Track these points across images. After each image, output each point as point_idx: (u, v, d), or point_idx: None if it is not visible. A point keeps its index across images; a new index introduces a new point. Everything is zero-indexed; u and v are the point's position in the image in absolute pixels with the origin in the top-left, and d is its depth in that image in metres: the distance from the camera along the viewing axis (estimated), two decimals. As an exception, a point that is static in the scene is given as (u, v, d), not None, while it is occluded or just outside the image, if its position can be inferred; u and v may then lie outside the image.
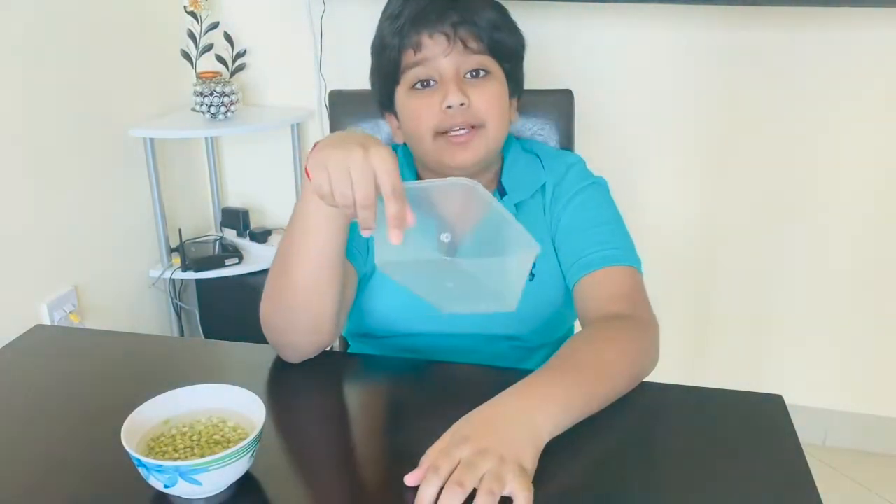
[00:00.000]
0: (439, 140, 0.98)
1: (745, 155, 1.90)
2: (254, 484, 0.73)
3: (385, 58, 1.00)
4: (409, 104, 1.00)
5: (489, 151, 1.00)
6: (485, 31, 0.97)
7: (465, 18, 0.96)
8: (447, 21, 0.95)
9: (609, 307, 0.92)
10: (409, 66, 0.98)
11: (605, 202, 1.06)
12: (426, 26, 0.95)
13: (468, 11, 0.96)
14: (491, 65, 0.99)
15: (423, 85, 0.98)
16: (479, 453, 0.68)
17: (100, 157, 1.90)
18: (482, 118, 0.97)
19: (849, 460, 2.02)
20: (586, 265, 0.97)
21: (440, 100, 0.96)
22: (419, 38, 0.96)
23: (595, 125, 1.87)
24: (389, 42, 0.98)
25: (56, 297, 1.78)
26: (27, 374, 0.94)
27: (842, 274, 1.93)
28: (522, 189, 1.05)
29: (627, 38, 1.87)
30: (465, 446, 0.69)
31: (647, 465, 0.76)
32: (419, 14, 0.96)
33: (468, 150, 0.98)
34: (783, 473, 0.74)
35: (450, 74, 0.96)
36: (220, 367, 0.92)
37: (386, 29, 0.99)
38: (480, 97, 0.97)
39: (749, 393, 0.87)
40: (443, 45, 0.96)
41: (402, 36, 0.96)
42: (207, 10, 2.02)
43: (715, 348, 2.07)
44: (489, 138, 0.99)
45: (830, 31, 1.74)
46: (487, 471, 0.67)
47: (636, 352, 0.87)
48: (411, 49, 0.97)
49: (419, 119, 0.98)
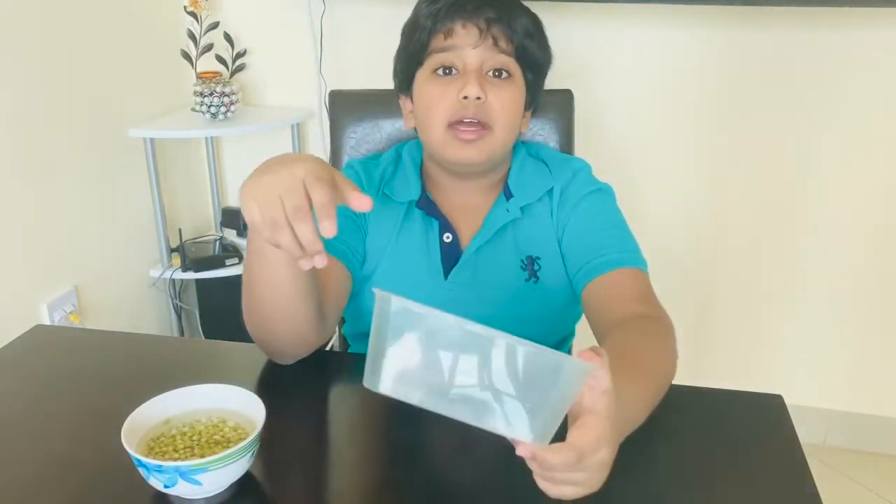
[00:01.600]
0: (448, 132, 0.98)
1: (745, 155, 1.90)
2: (254, 484, 0.73)
3: (415, 38, 1.00)
4: (427, 88, 1.00)
5: (493, 154, 1.00)
6: (517, 34, 0.98)
7: (500, 17, 0.97)
8: (483, 15, 0.96)
9: (631, 308, 0.92)
10: (437, 49, 0.99)
11: (611, 207, 1.06)
12: (462, 15, 0.97)
13: (505, 12, 0.97)
14: (515, 69, 1.00)
15: (446, 72, 0.99)
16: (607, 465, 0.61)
17: (100, 157, 1.90)
18: (493, 118, 0.98)
19: (849, 460, 2.02)
20: (597, 268, 0.97)
21: (458, 89, 0.96)
22: (452, 24, 0.97)
23: (595, 125, 1.87)
24: (423, 23, 0.99)
25: (56, 297, 1.78)
26: (27, 374, 0.94)
27: (842, 274, 1.93)
28: (529, 193, 1.05)
29: (627, 38, 1.87)
30: (606, 450, 0.60)
31: (647, 464, 0.76)
32: (458, 2, 0.97)
33: (473, 148, 0.98)
34: (783, 473, 0.74)
35: (473, 66, 0.97)
36: (220, 367, 0.93)
37: (422, 10, 1.00)
38: (497, 96, 0.97)
39: (749, 393, 0.87)
40: (474, 37, 0.97)
41: (437, 19, 0.98)
42: (207, 10, 2.02)
43: (715, 348, 2.06)
44: (496, 141, 0.99)
45: (830, 31, 1.74)
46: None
47: (673, 352, 0.87)
48: (442, 34, 0.98)
49: (434, 105, 0.99)
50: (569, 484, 0.60)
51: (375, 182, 1.07)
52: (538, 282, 1.04)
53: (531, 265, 1.04)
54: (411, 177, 1.07)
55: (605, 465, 0.60)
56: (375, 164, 1.11)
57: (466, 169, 1.03)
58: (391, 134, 1.24)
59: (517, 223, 1.04)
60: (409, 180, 1.07)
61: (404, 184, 1.07)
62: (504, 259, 1.04)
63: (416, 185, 1.07)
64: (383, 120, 1.24)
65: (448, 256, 1.05)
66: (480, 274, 1.03)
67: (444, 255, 1.04)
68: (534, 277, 1.04)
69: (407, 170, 1.08)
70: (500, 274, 1.04)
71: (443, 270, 1.04)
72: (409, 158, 1.09)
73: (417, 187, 1.06)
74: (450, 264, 1.04)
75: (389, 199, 1.06)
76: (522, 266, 1.04)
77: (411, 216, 1.06)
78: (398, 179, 1.08)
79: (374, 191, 1.06)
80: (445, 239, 1.05)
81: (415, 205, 1.06)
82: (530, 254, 1.04)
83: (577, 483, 0.60)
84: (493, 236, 1.04)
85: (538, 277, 1.04)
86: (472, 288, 1.03)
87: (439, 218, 1.05)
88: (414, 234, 1.05)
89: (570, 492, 0.60)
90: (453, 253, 1.05)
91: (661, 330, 0.89)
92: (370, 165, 1.10)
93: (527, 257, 1.04)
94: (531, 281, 1.04)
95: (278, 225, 0.66)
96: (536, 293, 1.03)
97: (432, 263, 1.04)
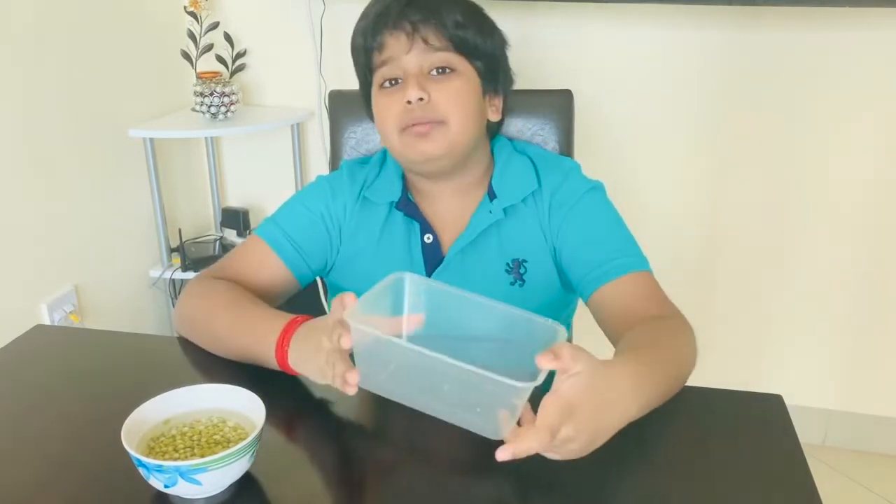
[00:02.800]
0: (404, 136, 0.99)
1: (745, 155, 1.90)
2: (254, 484, 0.73)
3: (358, 60, 1.03)
4: (377, 103, 1.02)
5: (453, 145, 0.99)
6: (448, 29, 0.97)
7: (426, 16, 0.96)
8: (407, 18, 0.96)
9: (646, 311, 0.92)
10: (378, 66, 1.00)
11: (606, 207, 1.06)
12: (387, 25, 0.97)
13: (429, 9, 0.97)
14: (457, 62, 0.99)
15: (391, 83, 1.00)
16: (575, 440, 0.67)
17: (100, 157, 1.90)
18: (443, 114, 0.97)
19: (849, 460, 2.02)
20: (604, 275, 0.97)
21: (403, 96, 0.97)
22: (382, 37, 0.98)
23: (595, 125, 1.87)
24: (359, 44, 1.01)
25: (56, 297, 1.78)
26: (27, 374, 0.94)
27: (842, 274, 1.93)
28: (513, 194, 1.05)
29: (627, 38, 1.87)
30: (570, 427, 0.67)
31: (647, 464, 0.76)
32: (381, 14, 0.98)
33: (429, 141, 0.98)
34: (783, 473, 0.74)
35: (412, 71, 0.98)
36: (220, 367, 0.93)
37: (358, 30, 1.02)
38: (441, 93, 0.97)
39: (749, 393, 0.87)
40: (403, 43, 0.97)
41: (367, 36, 0.99)
42: (207, 10, 2.02)
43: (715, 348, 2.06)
44: (452, 132, 0.98)
45: (830, 31, 1.74)
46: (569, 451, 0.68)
47: (692, 346, 0.89)
48: (376, 49, 0.99)
49: (384, 117, 1.00)
50: (564, 448, 0.67)
51: (358, 185, 1.08)
52: (524, 285, 1.03)
53: (517, 268, 1.04)
54: (393, 179, 1.08)
55: (585, 428, 0.67)
56: (362, 167, 1.12)
57: (434, 166, 1.02)
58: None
59: (501, 225, 1.04)
60: (392, 182, 1.08)
61: (386, 186, 1.08)
62: (488, 262, 1.04)
63: (398, 186, 1.07)
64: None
65: (430, 258, 1.05)
66: (464, 277, 1.03)
67: (426, 257, 1.05)
68: (519, 280, 1.04)
69: (390, 172, 1.09)
70: (483, 277, 1.04)
71: (425, 272, 1.04)
72: (393, 161, 1.10)
73: (398, 188, 1.07)
74: (432, 266, 1.04)
75: (370, 202, 1.07)
76: (508, 269, 1.04)
77: (392, 218, 1.06)
78: (380, 182, 1.09)
79: (356, 194, 1.08)
80: (426, 240, 1.05)
81: (394, 206, 1.06)
82: (516, 257, 1.04)
83: (571, 442, 0.66)
84: (477, 238, 1.03)
85: (524, 280, 1.04)
86: None
87: (419, 219, 1.05)
88: (395, 236, 1.06)
89: (572, 451, 0.68)
90: (435, 255, 1.05)
91: (679, 325, 0.91)
92: (356, 168, 1.11)
93: (512, 260, 1.04)
94: (516, 284, 1.04)
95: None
96: (521, 296, 1.03)
97: (414, 265, 1.04)
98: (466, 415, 0.72)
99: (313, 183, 1.12)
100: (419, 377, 0.73)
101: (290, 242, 1.05)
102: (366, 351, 0.74)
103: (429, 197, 1.07)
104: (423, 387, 0.73)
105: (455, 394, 0.71)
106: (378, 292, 0.76)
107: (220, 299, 0.96)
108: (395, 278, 0.79)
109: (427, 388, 0.73)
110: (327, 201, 1.08)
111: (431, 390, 0.72)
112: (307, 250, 1.06)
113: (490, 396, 0.68)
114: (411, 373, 0.73)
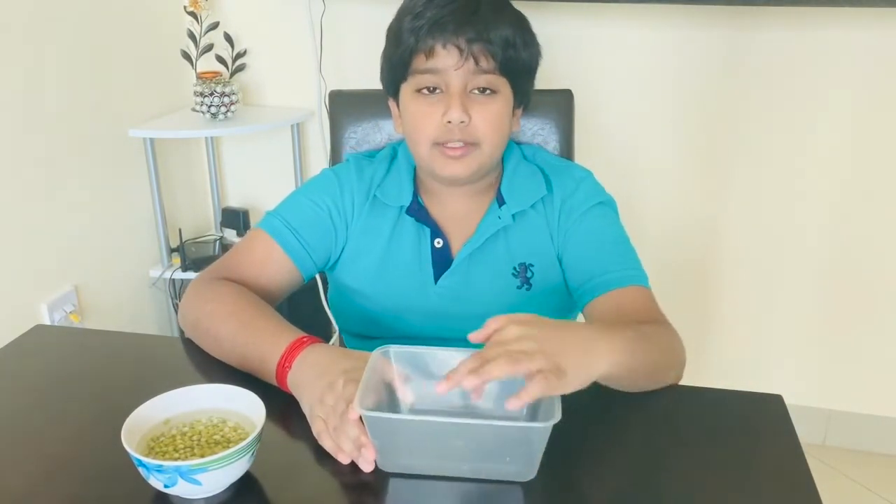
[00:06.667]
0: (435, 150, 0.99)
1: (745, 155, 1.89)
2: (254, 484, 0.73)
3: (398, 51, 0.99)
4: (412, 106, 1.00)
5: (482, 167, 1.00)
6: (498, 49, 0.96)
7: (480, 35, 0.94)
8: (463, 35, 0.94)
9: (639, 319, 0.93)
10: (419, 70, 0.97)
11: (614, 222, 1.06)
12: (443, 36, 0.95)
13: (485, 28, 0.94)
14: (500, 84, 0.98)
15: (430, 91, 0.98)
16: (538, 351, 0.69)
17: (100, 157, 1.90)
18: (479, 137, 0.98)
19: (849, 460, 2.01)
20: (600, 286, 0.98)
21: (443, 111, 0.96)
22: (434, 45, 0.95)
23: (595, 125, 1.87)
24: (405, 39, 0.97)
25: (56, 297, 1.78)
26: (27, 374, 0.94)
27: (842, 274, 1.93)
28: (521, 200, 1.05)
29: (627, 38, 1.87)
30: (529, 342, 0.69)
31: (647, 464, 0.76)
32: (438, 22, 0.94)
33: (460, 164, 0.98)
34: (783, 473, 0.74)
35: (456, 89, 0.96)
36: (220, 367, 0.93)
37: (405, 24, 0.97)
38: (481, 116, 0.97)
39: (749, 393, 0.87)
40: (455, 59, 0.95)
41: (418, 38, 0.96)
42: (207, 10, 2.02)
43: (715, 348, 2.06)
44: (483, 156, 0.99)
45: (830, 31, 1.74)
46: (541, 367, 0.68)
47: (679, 345, 0.90)
48: (423, 53, 0.96)
49: (419, 125, 0.99)
50: (525, 352, 0.68)
51: (366, 182, 1.08)
52: (531, 289, 1.04)
53: (524, 272, 1.04)
54: (404, 180, 1.07)
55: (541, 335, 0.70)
56: (370, 162, 1.11)
57: (456, 182, 1.03)
58: (391, 134, 1.24)
59: (509, 230, 1.04)
60: (402, 183, 1.07)
61: (396, 187, 1.07)
62: (496, 266, 1.04)
63: (409, 189, 1.06)
64: (383, 120, 1.24)
65: (439, 262, 1.05)
66: (471, 280, 1.03)
67: (434, 261, 1.05)
68: (526, 284, 1.04)
69: (401, 171, 1.08)
70: (491, 281, 1.04)
71: (433, 275, 1.04)
72: (405, 159, 1.09)
73: (409, 192, 1.06)
74: (440, 270, 1.04)
75: (380, 202, 1.06)
76: (515, 273, 1.04)
77: (403, 221, 1.06)
78: (390, 181, 1.08)
79: (365, 192, 1.07)
80: (436, 244, 1.05)
81: (405, 211, 1.06)
82: (523, 261, 1.04)
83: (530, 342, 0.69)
84: (485, 243, 1.03)
85: (531, 284, 1.04)
86: (462, 294, 1.04)
87: (430, 224, 1.05)
88: (405, 240, 1.06)
89: (536, 362, 0.68)
90: (444, 258, 1.05)
91: (666, 328, 0.92)
92: (364, 163, 1.10)
93: (519, 264, 1.04)
94: (523, 288, 1.04)
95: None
96: (528, 300, 1.03)
97: (423, 268, 1.04)
98: (496, 466, 0.73)
99: (319, 176, 1.11)
100: (437, 444, 0.73)
101: (294, 236, 1.04)
102: (384, 434, 0.73)
103: (438, 197, 1.07)
104: (444, 453, 0.74)
105: (483, 451, 0.72)
106: (367, 379, 0.75)
107: (225, 305, 0.95)
108: (379, 355, 0.78)
109: (449, 453, 0.73)
110: (335, 196, 1.07)
111: (455, 453, 0.73)
112: (312, 244, 1.05)
113: (517, 444, 0.71)
114: (429, 442, 0.74)
